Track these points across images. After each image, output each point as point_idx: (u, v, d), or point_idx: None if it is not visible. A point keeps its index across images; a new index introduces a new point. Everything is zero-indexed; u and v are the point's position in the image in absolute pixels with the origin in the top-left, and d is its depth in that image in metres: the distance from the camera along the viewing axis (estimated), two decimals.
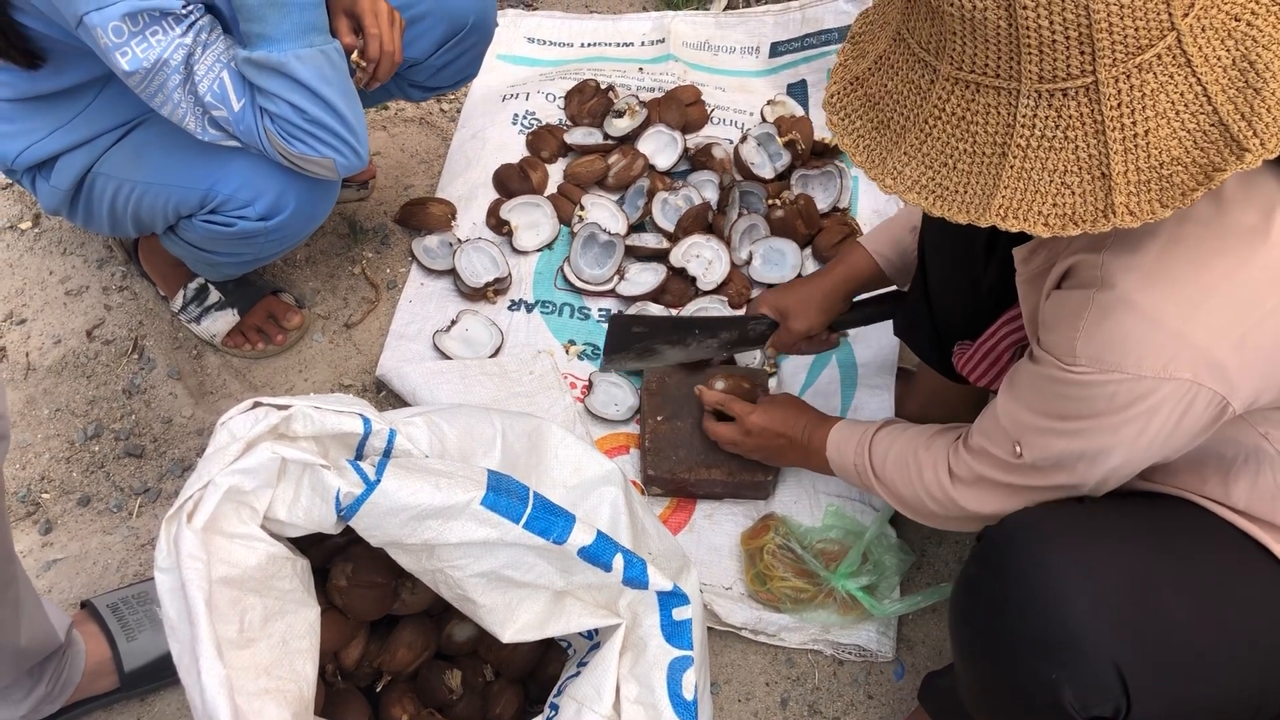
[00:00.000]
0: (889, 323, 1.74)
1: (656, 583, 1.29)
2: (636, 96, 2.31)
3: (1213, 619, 1.10)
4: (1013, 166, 0.94)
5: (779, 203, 2.13)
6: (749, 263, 2.08)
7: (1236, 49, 0.90)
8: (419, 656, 1.46)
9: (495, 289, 2.05)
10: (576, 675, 1.30)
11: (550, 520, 1.23)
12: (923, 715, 1.53)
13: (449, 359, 1.95)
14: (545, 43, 2.54)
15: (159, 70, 1.41)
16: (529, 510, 1.23)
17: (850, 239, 2.06)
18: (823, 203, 2.15)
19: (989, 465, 1.24)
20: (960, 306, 1.47)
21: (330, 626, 1.37)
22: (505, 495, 1.23)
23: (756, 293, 2.07)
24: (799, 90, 2.42)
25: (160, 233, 1.76)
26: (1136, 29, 0.87)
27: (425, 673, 1.47)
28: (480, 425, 1.40)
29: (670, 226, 2.12)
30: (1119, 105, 0.90)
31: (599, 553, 1.25)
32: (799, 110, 2.34)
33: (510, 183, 2.19)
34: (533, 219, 2.14)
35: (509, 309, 2.06)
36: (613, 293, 2.06)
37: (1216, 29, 0.90)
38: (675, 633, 1.30)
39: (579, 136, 2.27)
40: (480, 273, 2.05)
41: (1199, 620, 1.09)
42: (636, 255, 2.10)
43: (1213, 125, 0.90)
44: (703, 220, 2.11)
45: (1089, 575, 1.09)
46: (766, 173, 2.19)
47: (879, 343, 1.94)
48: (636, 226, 2.15)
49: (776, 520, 1.72)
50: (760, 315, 1.76)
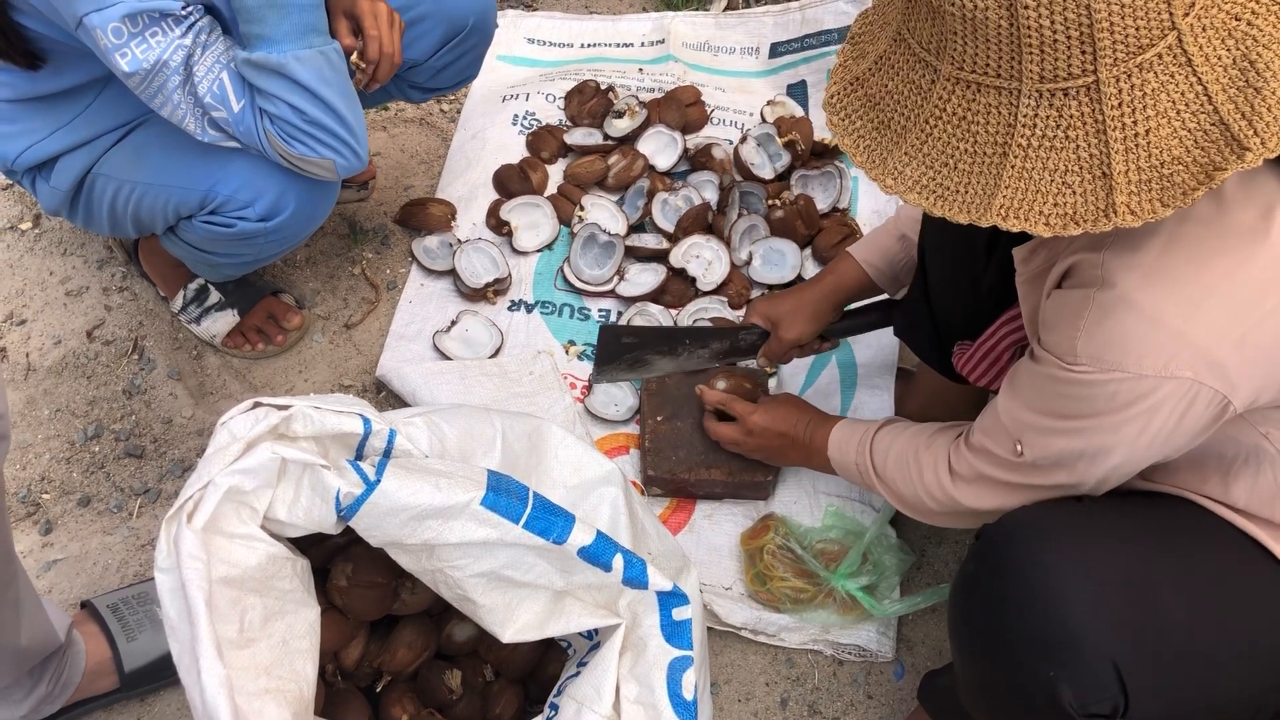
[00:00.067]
0: None
1: (656, 583, 1.29)
2: (636, 97, 2.31)
3: (1211, 618, 1.10)
4: (1014, 166, 0.94)
5: (779, 203, 2.13)
6: (749, 263, 2.08)
7: (1237, 48, 0.90)
8: (419, 656, 1.46)
9: (495, 289, 2.05)
10: (576, 675, 1.30)
11: (550, 520, 1.23)
12: (922, 715, 1.53)
13: (449, 359, 1.95)
14: (545, 43, 2.54)
15: (158, 71, 1.41)
16: (529, 510, 1.23)
17: (850, 239, 2.06)
18: (822, 203, 2.16)
19: (990, 464, 1.24)
20: (960, 306, 1.47)
21: (330, 626, 1.37)
22: (505, 495, 1.23)
23: (756, 293, 2.07)
24: (799, 91, 2.42)
25: (160, 233, 1.76)
26: (1137, 28, 0.87)
27: (425, 673, 1.47)
28: (480, 425, 1.40)
29: (670, 227, 2.12)
30: (1120, 105, 0.90)
31: (599, 553, 1.25)
32: (799, 111, 2.34)
33: (510, 183, 2.19)
34: (533, 219, 2.14)
35: (509, 309, 2.06)
36: (613, 293, 2.06)
37: (1217, 28, 0.90)
38: (675, 633, 1.30)
39: (579, 137, 2.27)
40: (480, 273, 2.05)
41: (1198, 619, 1.09)
42: (636, 256, 2.10)
43: (1213, 124, 0.91)
44: (702, 221, 2.11)
45: (1088, 574, 1.09)
46: (766, 173, 2.19)
47: (879, 343, 1.94)
48: (636, 227, 2.15)
49: (776, 520, 1.72)
50: (751, 325, 1.76)
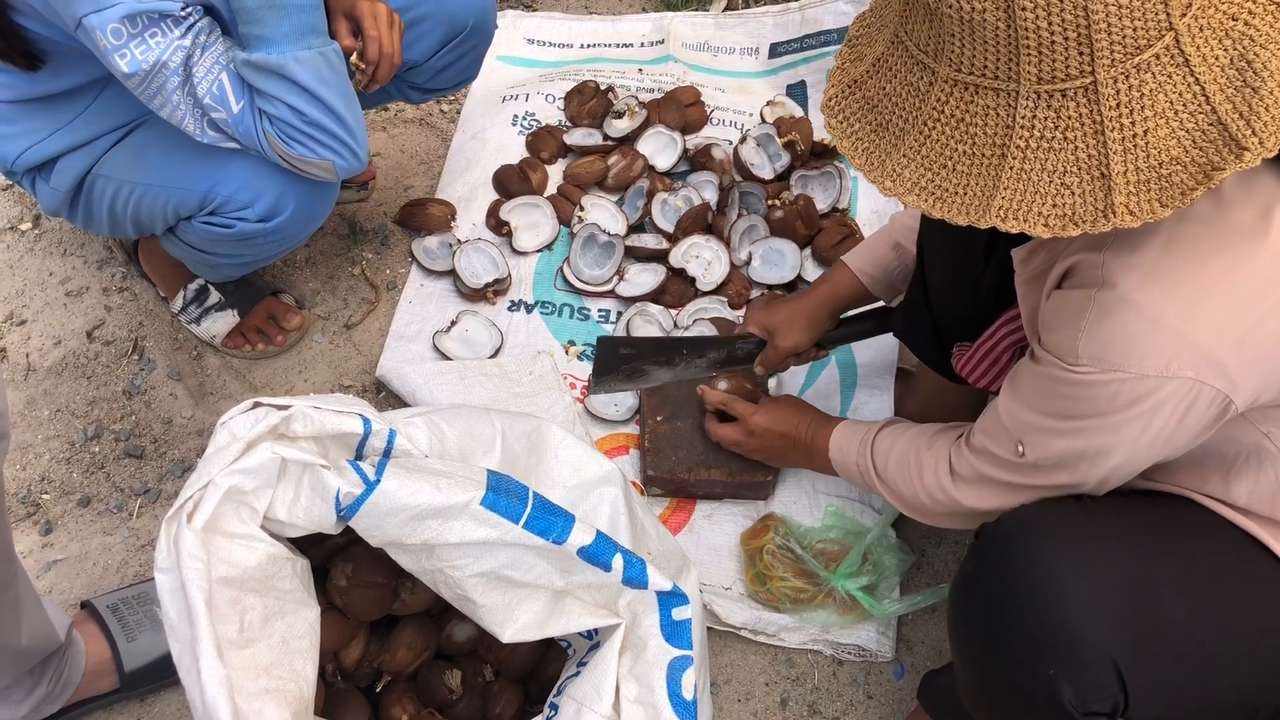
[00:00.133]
0: None
1: (656, 582, 1.29)
2: (636, 97, 2.31)
3: (1211, 617, 1.10)
4: (1012, 168, 0.94)
5: (778, 203, 2.13)
6: (748, 263, 2.08)
7: (1234, 48, 0.90)
8: (419, 656, 1.46)
9: (495, 290, 2.05)
10: (576, 675, 1.30)
11: (550, 520, 1.24)
12: (922, 715, 1.53)
13: (449, 359, 1.95)
14: (545, 44, 2.54)
15: (158, 72, 1.41)
16: (528, 510, 1.23)
17: (850, 239, 2.06)
18: (822, 203, 2.16)
19: (991, 464, 1.24)
20: (959, 308, 1.47)
21: (330, 626, 1.37)
22: (505, 495, 1.23)
23: (756, 293, 2.07)
24: (798, 91, 2.42)
25: (160, 234, 1.76)
26: (1134, 29, 0.87)
27: (425, 673, 1.48)
28: (480, 425, 1.40)
29: (670, 227, 2.12)
30: (1118, 105, 0.90)
31: (598, 552, 1.25)
32: (798, 111, 2.34)
33: (510, 183, 2.19)
34: (532, 220, 2.14)
35: (509, 309, 2.06)
36: (612, 293, 2.06)
37: (1214, 28, 0.90)
38: (675, 632, 1.30)
39: (578, 137, 2.27)
40: (480, 273, 2.06)
41: (1198, 619, 1.09)
42: (636, 256, 2.10)
43: (1211, 124, 0.91)
44: (702, 221, 2.11)
45: (1088, 573, 1.09)
46: (766, 173, 2.19)
47: (879, 343, 1.94)
48: (636, 227, 2.15)
49: (776, 520, 1.72)
50: (748, 334, 1.76)
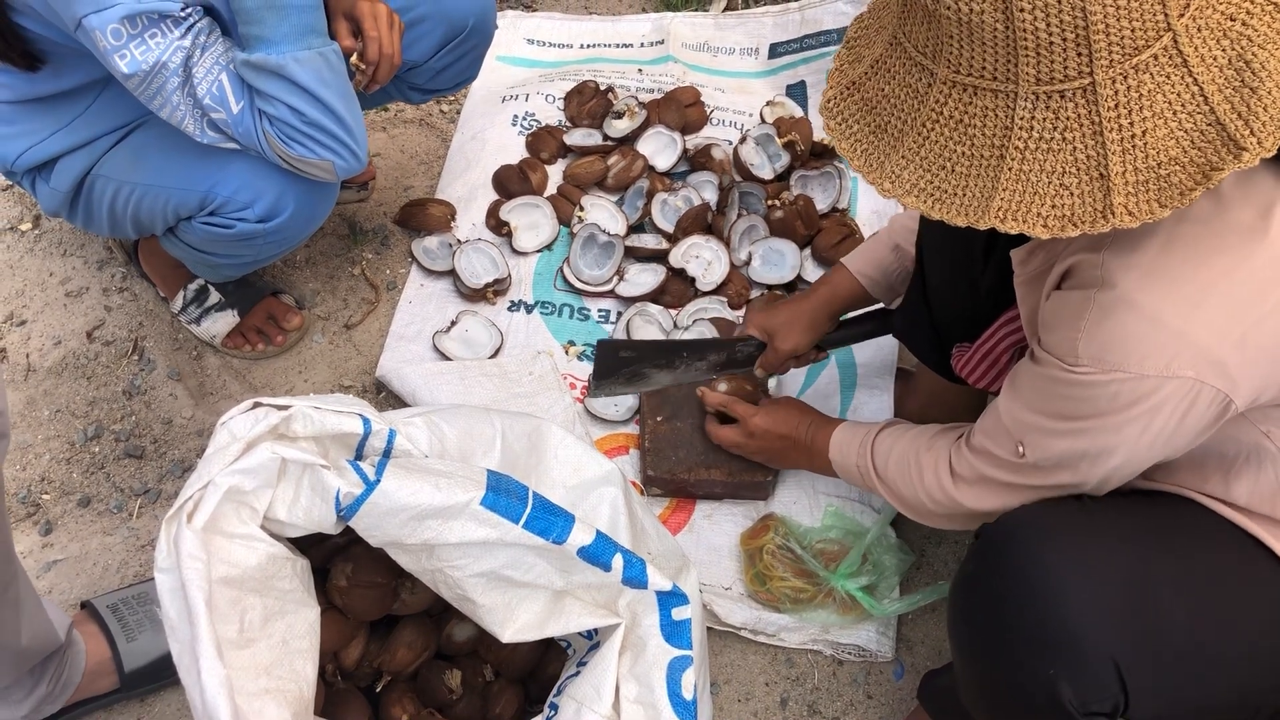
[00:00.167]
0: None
1: (656, 582, 1.29)
2: (636, 98, 2.31)
3: (1212, 617, 1.10)
4: (1011, 169, 0.94)
5: (778, 203, 2.13)
6: (748, 263, 2.08)
7: (1232, 48, 0.90)
8: (419, 656, 1.46)
9: (495, 290, 2.05)
10: (576, 675, 1.30)
11: (550, 520, 1.24)
12: (922, 715, 1.53)
13: (449, 360, 1.95)
14: (544, 44, 2.54)
15: (158, 73, 1.41)
16: (528, 510, 1.23)
17: (850, 239, 2.06)
18: (822, 203, 2.16)
19: (991, 465, 1.24)
20: (959, 308, 1.47)
21: (330, 626, 1.37)
22: (505, 495, 1.23)
23: (756, 293, 2.07)
24: (798, 91, 2.42)
25: (160, 234, 1.76)
26: (1133, 30, 0.88)
27: (425, 673, 1.48)
28: (480, 425, 1.40)
29: (670, 227, 2.12)
30: (1116, 106, 0.90)
31: (598, 552, 1.25)
32: (798, 111, 2.34)
33: (510, 184, 2.19)
34: (532, 220, 2.14)
35: (509, 310, 2.06)
36: (612, 293, 2.06)
37: (1212, 29, 0.90)
38: (674, 632, 1.30)
39: (578, 138, 2.27)
40: (480, 274, 2.06)
41: (1198, 619, 1.09)
42: (636, 256, 2.10)
43: (1210, 125, 0.91)
44: (702, 221, 2.11)
45: (1088, 573, 1.09)
46: (766, 173, 2.19)
47: (878, 343, 1.94)
48: (636, 227, 2.15)
49: (776, 520, 1.72)
50: (748, 337, 1.76)
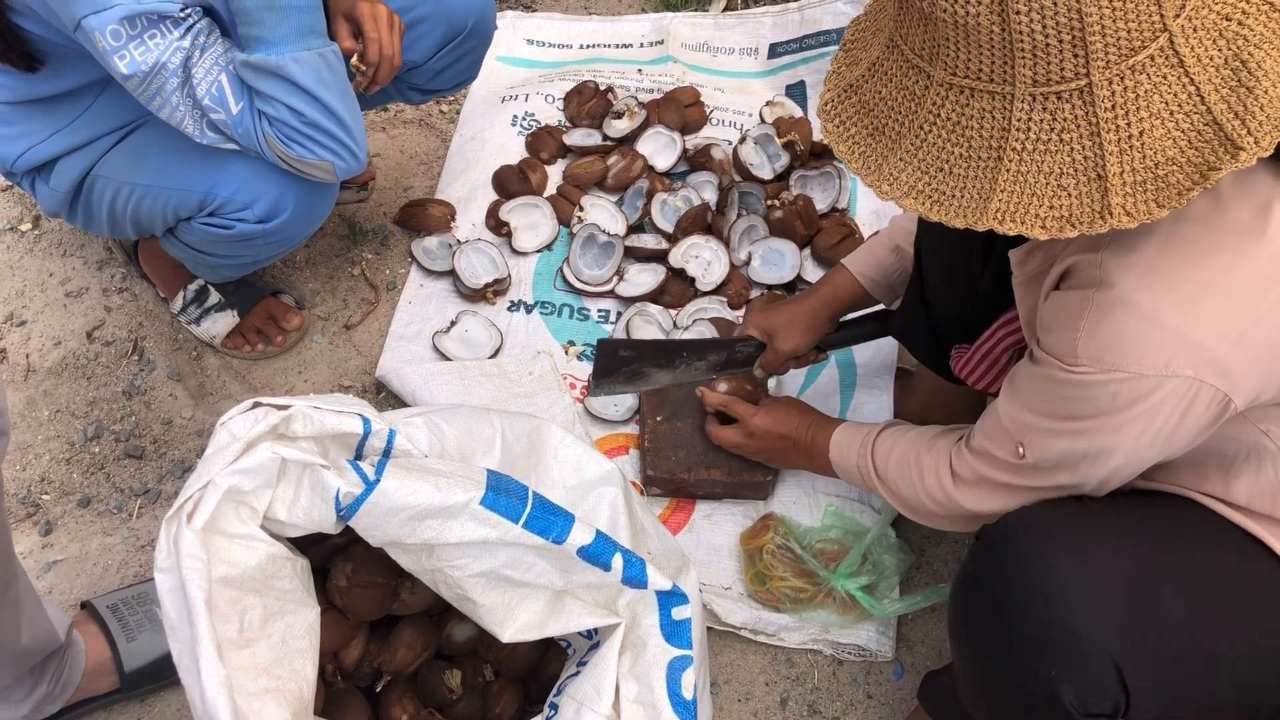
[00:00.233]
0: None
1: (656, 582, 1.29)
2: (635, 98, 2.32)
3: (1212, 617, 1.10)
4: (1008, 170, 0.94)
5: (778, 203, 2.13)
6: (748, 263, 2.08)
7: (1228, 48, 0.90)
8: (419, 656, 1.46)
9: (495, 290, 2.05)
10: (576, 675, 1.30)
11: (549, 520, 1.24)
12: (922, 715, 1.53)
13: (448, 360, 1.95)
14: (544, 44, 2.54)
15: (157, 73, 1.41)
16: (528, 510, 1.23)
17: (849, 239, 2.06)
18: (821, 203, 2.16)
19: (991, 466, 1.24)
20: (957, 309, 1.47)
21: (330, 626, 1.37)
22: (504, 495, 1.23)
23: (755, 293, 2.07)
24: (798, 91, 2.42)
25: (159, 235, 1.76)
26: (1129, 31, 0.88)
27: (425, 673, 1.48)
28: (480, 425, 1.40)
29: (669, 227, 2.12)
30: (1113, 107, 0.90)
31: (598, 552, 1.25)
32: (798, 111, 2.34)
33: (510, 184, 2.19)
34: (532, 220, 2.14)
35: (508, 310, 2.06)
36: (612, 293, 2.06)
37: (1208, 29, 0.90)
38: (674, 632, 1.30)
39: (578, 138, 2.27)
40: (480, 274, 2.06)
41: (1198, 619, 1.09)
42: (636, 256, 2.10)
43: (1207, 125, 0.91)
44: (702, 221, 2.11)
45: (1088, 574, 1.09)
46: (765, 173, 2.19)
47: (878, 343, 1.94)
48: (636, 227, 2.15)
49: (776, 520, 1.72)
50: (748, 337, 1.76)
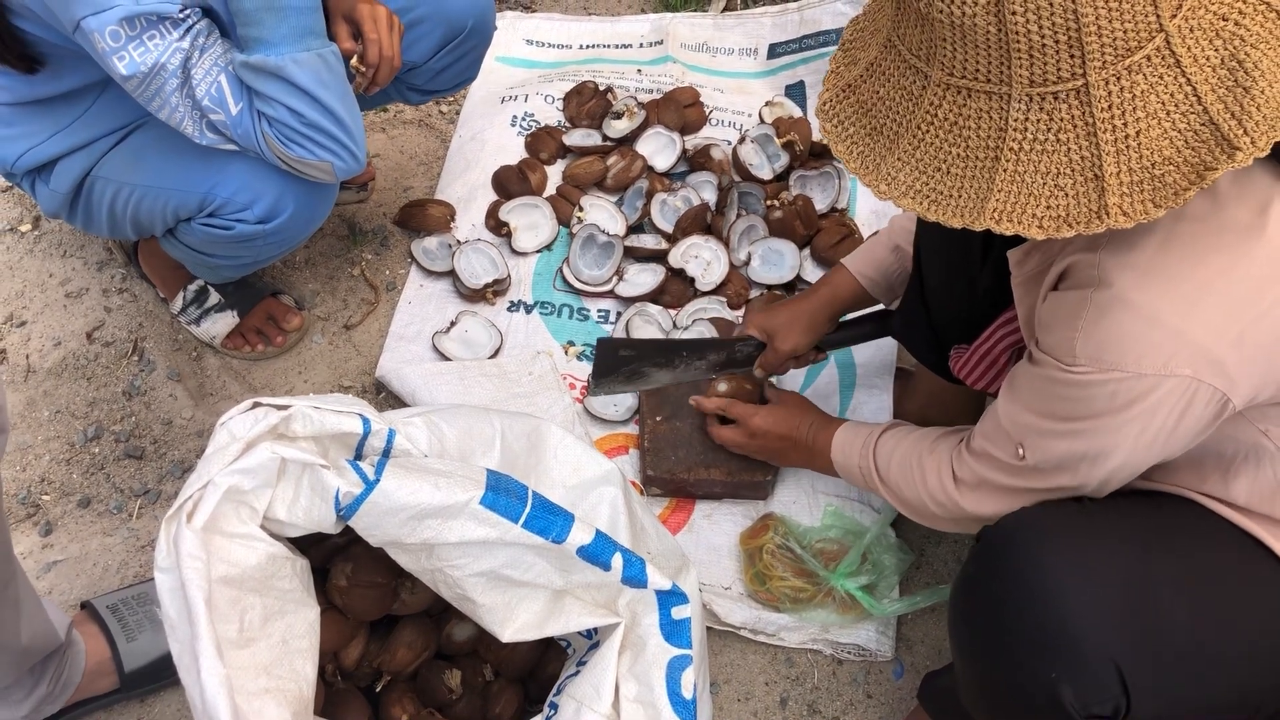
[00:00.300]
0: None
1: (655, 582, 1.29)
2: (635, 98, 2.32)
3: (1212, 618, 1.10)
4: (1006, 170, 0.94)
5: (777, 203, 2.13)
6: (747, 263, 2.08)
7: (1225, 48, 0.90)
8: (419, 656, 1.47)
9: (494, 290, 2.05)
10: (576, 674, 1.30)
11: (549, 519, 1.24)
12: (922, 715, 1.53)
13: (448, 360, 1.95)
14: (544, 45, 2.54)
15: (156, 74, 1.41)
16: (528, 509, 1.24)
17: (849, 239, 2.07)
18: (821, 203, 2.16)
19: (992, 468, 1.24)
20: (956, 309, 1.47)
21: (330, 626, 1.37)
22: (504, 495, 1.23)
23: (755, 293, 2.07)
24: (797, 91, 2.42)
25: (159, 235, 1.76)
26: (1125, 31, 0.88)
27: (425, 673, 1.48)
28: (479, 425, 1.40)
29: (669, 227, 2.12)
30: (1110, 107, 0.90)
31: (598, 552, 1.25)
32: (797, 111, 2.34)
33: (509, 184, 2.19)
34: (531, 220, 2.14)
35: (508, 310, 2.06)
36: (611, 294, 2.06)
37: (1205, 29, 0.90)
38: (674, 631, 1.31)
39: (578, 138, 2.27)
40: (479, 274, 2.06)
41: (1198, 619, 1.09)
42: (635, 256, 2.10)
43: (1203, 125, 0.91)
44: (701, 221, 2.11)
45: (1088, 575, 1.09)
46: (765, 174, 2.20)
47: (878, 343, 1.94)
48: (635, 227, 2.15)
49: (775, 520, 1.72)
50: (747, 337, 1.76)
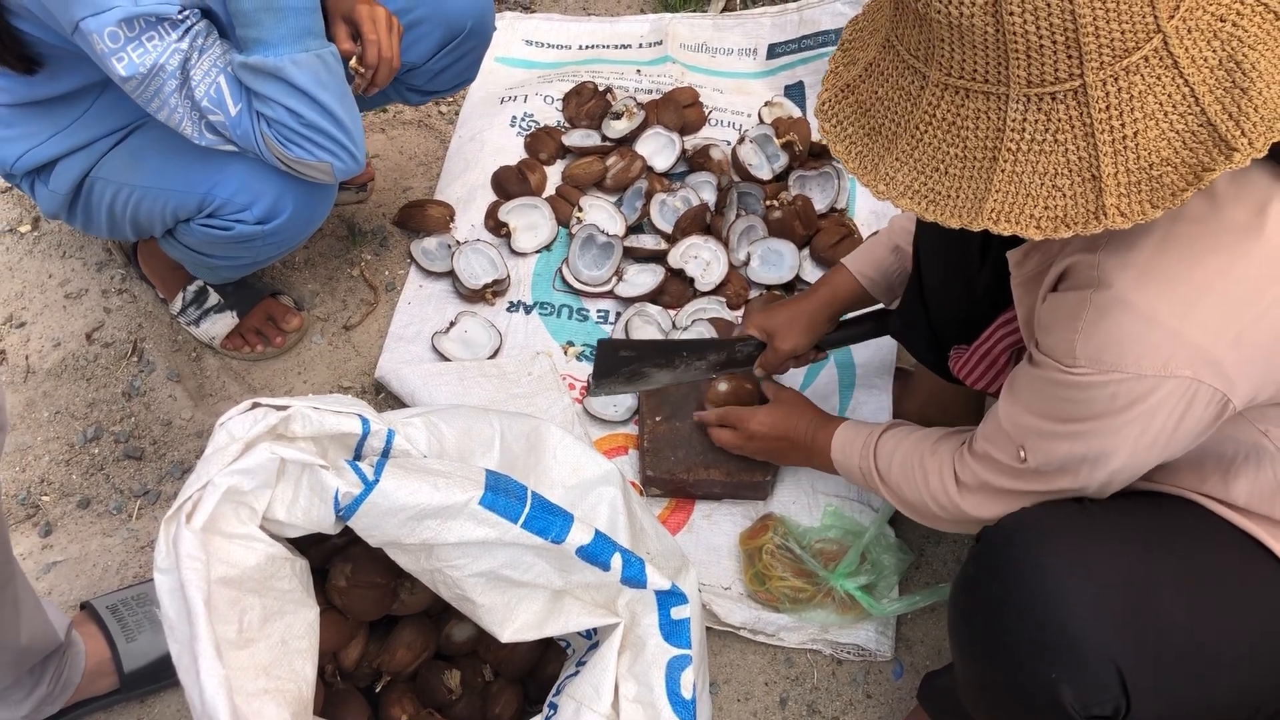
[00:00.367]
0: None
1: (655, 582, 1.29)
2: (634, 98, 2.32)
3: (1212, 618, 1.10)
4: (1003, 170, 0.94)
5: (777, 204, 2.13)
6: (747, 264, 2.08)
7: (1223, 49, 0.90)
8: (418, 656, 1.47)
9: (494, 290, 2.05)
10: (575, 674, 1.30)
11: (548, 520, 1.24)
12: (922, 715, 1.53)
13: (448, 360, 1.95)
14: (543, 45, 2.54)
15: (155, 75, 1.41)
16: (527, 510, 1.24)
17: (848, 239, 2.07)
18: (820, 203, 2.16)
19: (993, 471, 1.24)
20: (955, 310, 1.47)
21: (330, 626, 1.37)
22: (503, 495, 1.23)
23: (754, 293, 2.07)
24: (796, 92, 2.42)
25: (159, 236, 1.76)
26: (1122, 32, 0.88)
27: (425, 673, 1.48)
28: (479, 425, 1.40)
29: (668, 228, 2.12)
30: (1107, 108, 0.90)
31: (597, 552, 1.25)
32: (796, 111, 2.34)
33: (509, 185, 2.19)
34: (531, 221, 2.14)
35: (507, 310, 2.06)
36: (611, 294, 2.06)
37: (1202, 30, 0.90)
38: (673, 632, 1.31)
39: (577, 138, 2.27)
40: (479, 274, 2.06)
41: (1198, 620, 1.09)
42: (635, 256, 2.10)
43: (1201, 125, 0.91)
44: (701, 221, 2.11)
45: (1088, 576, 1.09)
46: (764, 174, 2.20)
47: (877, 343, 1.94)
48: (635, 228, 2.15)
49: (775, 520, 1.72)
50: (747, 337, 1.76)
